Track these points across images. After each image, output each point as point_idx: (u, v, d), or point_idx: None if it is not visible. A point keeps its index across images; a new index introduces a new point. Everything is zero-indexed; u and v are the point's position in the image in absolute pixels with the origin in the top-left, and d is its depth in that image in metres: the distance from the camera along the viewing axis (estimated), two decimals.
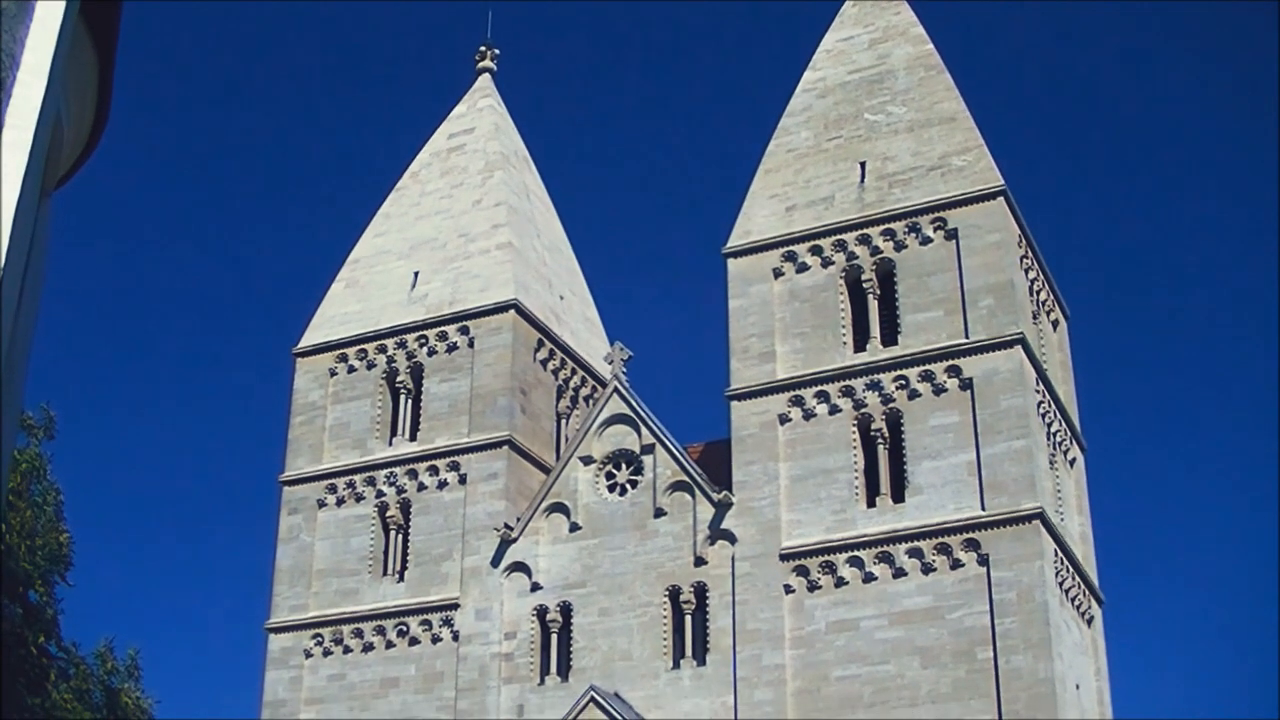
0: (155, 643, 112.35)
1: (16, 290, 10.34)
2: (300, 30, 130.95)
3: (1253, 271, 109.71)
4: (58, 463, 32.99)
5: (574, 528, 50.57)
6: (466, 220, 58.40)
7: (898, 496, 46.78)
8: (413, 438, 54.70)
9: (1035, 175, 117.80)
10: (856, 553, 46.07)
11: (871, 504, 46.93)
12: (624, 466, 51.01)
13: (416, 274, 57.60)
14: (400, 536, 53.73)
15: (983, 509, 45.15)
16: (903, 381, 47.53)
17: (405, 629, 51.59)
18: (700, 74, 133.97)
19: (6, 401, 10.30)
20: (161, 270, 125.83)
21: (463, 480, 52.68)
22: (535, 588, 50.26)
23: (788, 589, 46.61)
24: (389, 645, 51.74)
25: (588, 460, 51.33)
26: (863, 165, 51.54)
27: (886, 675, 44.60)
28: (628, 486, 50.63)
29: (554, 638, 49.79)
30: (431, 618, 51.26)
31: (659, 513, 49.50)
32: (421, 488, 53.32)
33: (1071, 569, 47.70)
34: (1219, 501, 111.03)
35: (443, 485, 52.98)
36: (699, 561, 48.29)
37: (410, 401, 55.71)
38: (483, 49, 65.52)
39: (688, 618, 48.12)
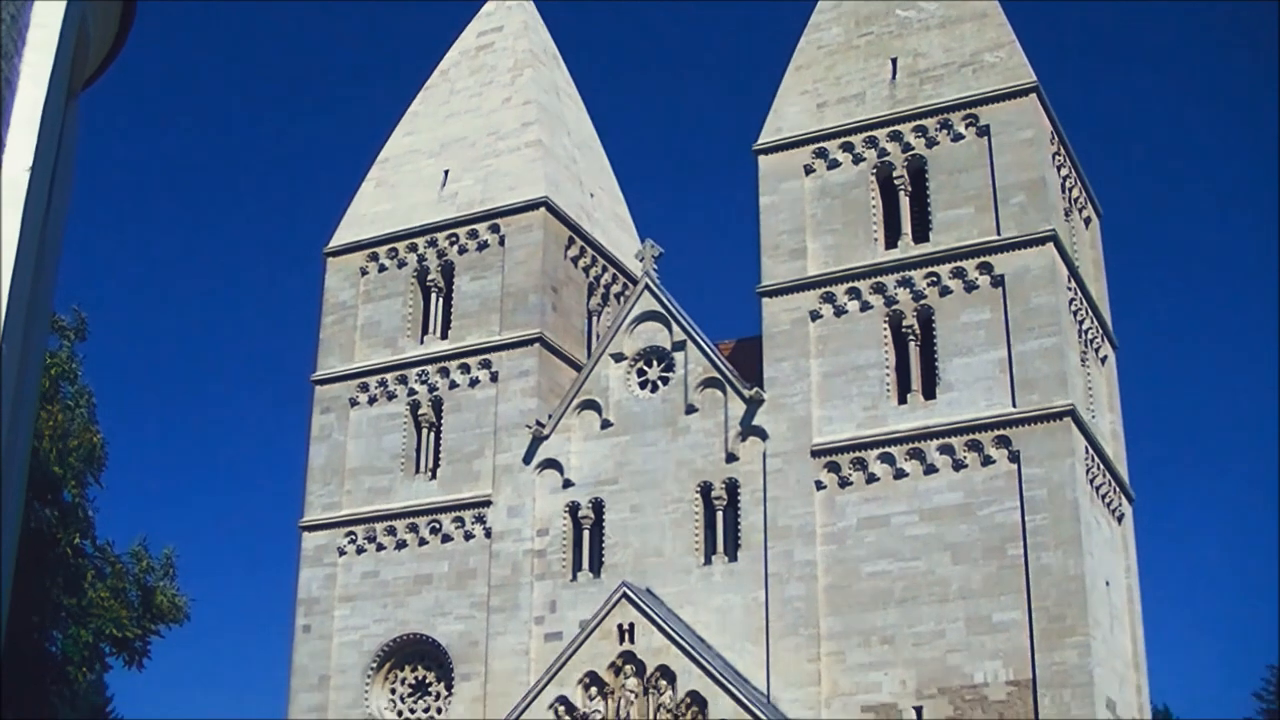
0: (190, 542, 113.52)
1: (44, 191, 10.33)
2: None
3: None
4: (89, 364, 33.17)
5: (605, 424, 50.71)
6: (496, 118, 58.16)
7: (929, 393, 46.78)
8: (444, 336, 54.80)
9: (1067, 71, 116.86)
10: (888, 449, 46.15)
11: (903, 400, 46.94)
12: (655, 363, 51.03)
13: (447, 172, 57.46)
14: (432, 434, 53.97)
15: (1014, 406, 45.12)
16: (934, 278, 47.38)
17: (438, 526, 51.92)
18: None
19: (37, 307, 10.32)
20: (191, 172, 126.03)
21: (494, 378, 52.81)
22: (567, 484, 50.49)
23: (819, 485, 46.73)
24: (422, 543, 52.09)
25: (619, 357, 51.37)
26: (894, 61, 51.12)
27: (917, 571, 44.78)
28: (659, 383, 50.68)
29: (586, 534, 50.06)
30: (464, 515, 51.56)
31: (690, 409, 49.58)
32: (453, 385, 53.47)
33: (1102, 466, 47.70)
34: (1251, 400, 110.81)
35: (474, 383, 53.12)
36: (730, 458, 48.41)
37: (441, 300, 55.74)
38: None
39: (719, 514, 48.31)
